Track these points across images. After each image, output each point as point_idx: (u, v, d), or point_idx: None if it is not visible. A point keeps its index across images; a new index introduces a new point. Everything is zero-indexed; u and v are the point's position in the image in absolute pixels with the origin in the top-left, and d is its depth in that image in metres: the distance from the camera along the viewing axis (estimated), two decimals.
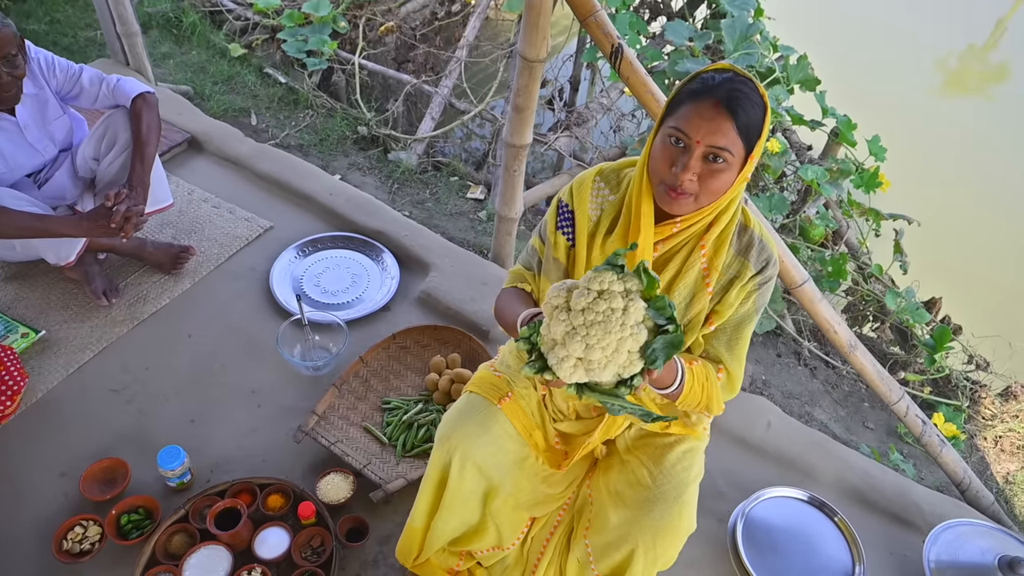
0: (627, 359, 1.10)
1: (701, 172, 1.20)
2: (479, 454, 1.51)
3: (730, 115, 1.17)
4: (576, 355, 1.09)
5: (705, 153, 1.19)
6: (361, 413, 2.17)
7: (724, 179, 1.21)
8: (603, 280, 1.10)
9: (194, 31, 4.30)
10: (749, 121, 1.18)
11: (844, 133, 3.58)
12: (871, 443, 2.83)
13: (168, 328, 2.34)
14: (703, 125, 1.17)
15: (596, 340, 1.07)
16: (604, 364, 1.09)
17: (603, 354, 1.08)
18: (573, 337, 1.09)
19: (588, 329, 1.08)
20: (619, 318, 1.08)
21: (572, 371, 1.10)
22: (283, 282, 2.53)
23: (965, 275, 3.92)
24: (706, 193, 1.23)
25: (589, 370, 1.10)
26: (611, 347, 1.08)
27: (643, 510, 1.44)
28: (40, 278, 2.40)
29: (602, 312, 1.08)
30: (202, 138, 3.04)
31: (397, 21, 4.40)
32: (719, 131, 1.17)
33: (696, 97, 1.19)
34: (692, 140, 1.19)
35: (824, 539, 1.97)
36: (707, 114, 1.17)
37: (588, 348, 1.08)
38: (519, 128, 2.35)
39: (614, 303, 1.09)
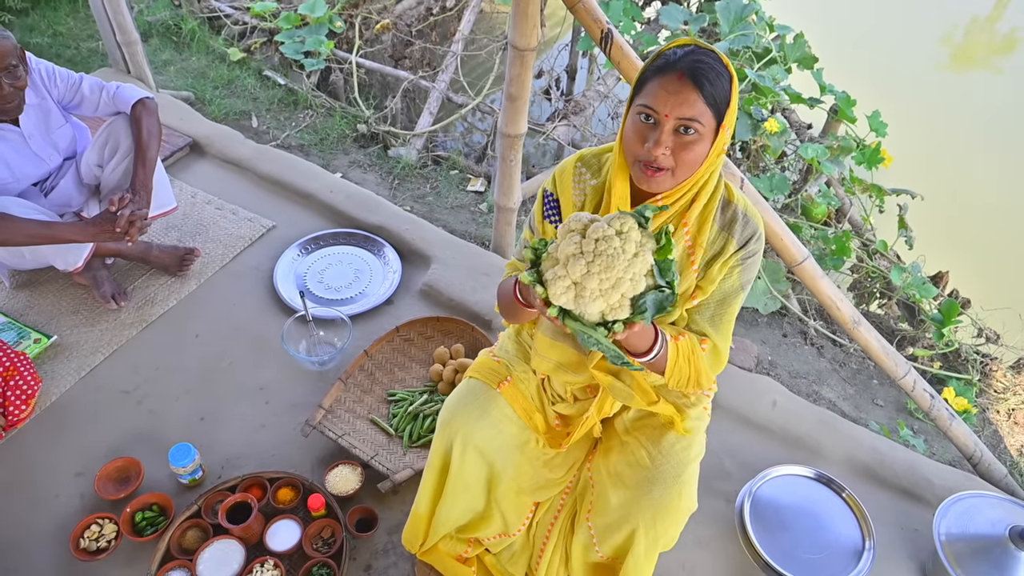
0: (618, 301, 1.12)
1: (674, 146, 1.22)
2: (479, 437, 1.53)
3: (695, 86, 1.18)
4: (573, 278, 1.11)
5: (675, 126, 1.21)
6: (367, 406, 2.19)
7: (698, 150, 1.23)
8: (625, 223, 1.13)
9: (193, 37, 4.34)
10: (715, 91, 1.19)
11: (843, 110, 3.56)
12: (881, 420, 2.82)
13: (176, 329, 2.38)
14: (670, 99, 1.19)
15: (598, 270, 1.10)
16: (595, 296, 1.11)
17: (598, 286, 1.10)
18: (578, 260, 1.11)
19: (595, 256, 1.10)
20: (626, 260, 1.10)
21: (564, 292, 1.12)
22: (287, 280, 2.56)
23: (973, 248, 3.88)
24: (682, 166, 1.24)
25: (579, 296, 1.12)
26: (608, 282, 1.10)
27: (642, 490, 1.46)
28: (50, 285, 2.44)
29: (613, 248, 1.10)
30: (204, 142, 3.08)
31: (393, 19, 4.42)
32: (686, 103, 1.18)
33: (661, 72, 1.21)
34: (661, 115, 1.20)
35: (833, 516, 1.97)
36: (672, 87, 1.19)
37: (587, 275, 1.10)
38: (513, 117, 2.36)
39: (628, 245, 1.11)
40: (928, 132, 4.75)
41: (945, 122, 5.05)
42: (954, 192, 4.13)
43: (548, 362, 1.56)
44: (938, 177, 4.15)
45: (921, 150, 4.34)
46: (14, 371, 2.01)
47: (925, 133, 4.70)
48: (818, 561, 1.89)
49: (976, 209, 4.16)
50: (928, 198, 3.49)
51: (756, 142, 3.51)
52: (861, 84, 3.85)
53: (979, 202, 4.23)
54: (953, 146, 4.74)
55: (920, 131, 4.63)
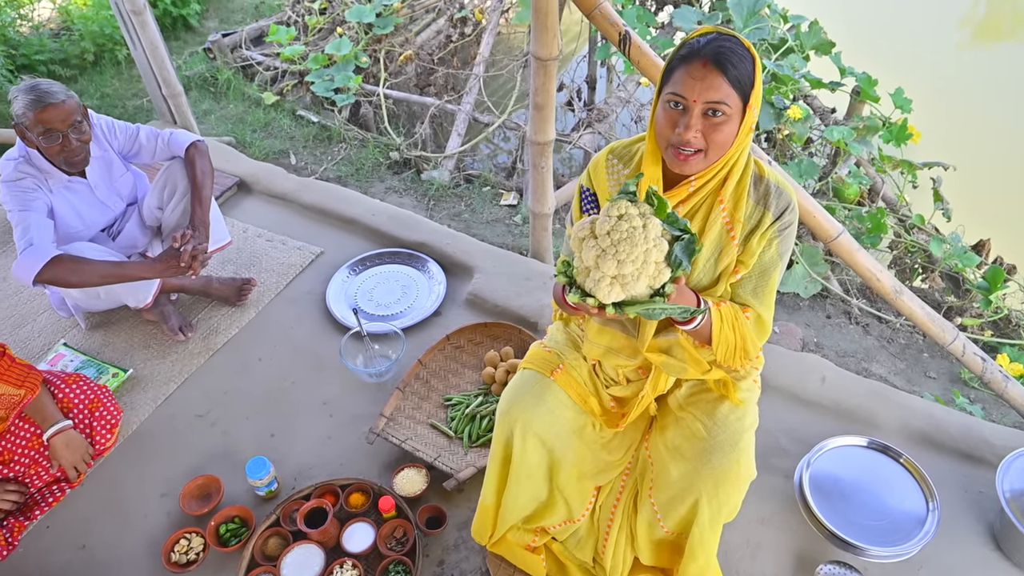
0: (655, 269, 1.21)
1: (704, 128, 1.29)
2: (537, 424, 1.60)
3: (720, 70, 1.26)
4: (610, 274, 1.20)
5: (704, 110, 1.28)
6: (426, 412, 2.28)
7: (727, 131, 1.30)
8: (619, 206, 1.23)
9: (229, 87, 4.58)
10: (739, 73, 1.26)
11: (865, 90, 3.58)
12: (934, 392, 2.81)
13: (240, 355, 2.51)
14: (696, 84, 1.27)
15: (625, 254, 1.19)
16: (637, 276, 1.20)
17: (634, 267, 1.19)
18: (604, 258, 1.20)
19: (616, 247, 1.19)
20: (641, 232, 1.20)
21: (609, 289, 1.21)
22: (339, 300, 2.68)
23: (1013, 214, 3.83)
24: (713, 147, 1.31)
25: (624, 285, 1.21)
26: (640, 259, 1.19)
27: (702, 460, 1.50)
28: (122, 323, 2.61)
29: (625, 230, 1.20)
30: (249, 180, 3.25)
31: (415, 49, 4.60)
32: (712, 87, 1.26)
33: (686, 61, 1.29)
34: (689, 100, 1.28)
35: (892, 482, 1.98)
36: (698, 74, 1.26)
37: (619, 264, 1.19)
38: (541, 126, 2.46)
39: (634, 222, 1.21)
40: (955, 104, 4.72)
41: (972, 94, 5.00)
42: (988, 160, 4.09)
43: (599, 347, 1.63)
44: (970, 148, 4.12)
45: (949, 123, 4.31)
46: (98, 403, 2.16)
47: (952, 106, 4.67)
48: (883, 527, 1.90)
49: (1014, 175, 4.10)
50: (961, 168, 3.48)
51: (781, 131, 3.55)
52: (881, 67, 3.87)
53: (1017, 168, 4.17)
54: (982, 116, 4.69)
55: (946, 104, 4.60)
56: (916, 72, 4.76)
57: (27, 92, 2.05)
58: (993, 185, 4.02)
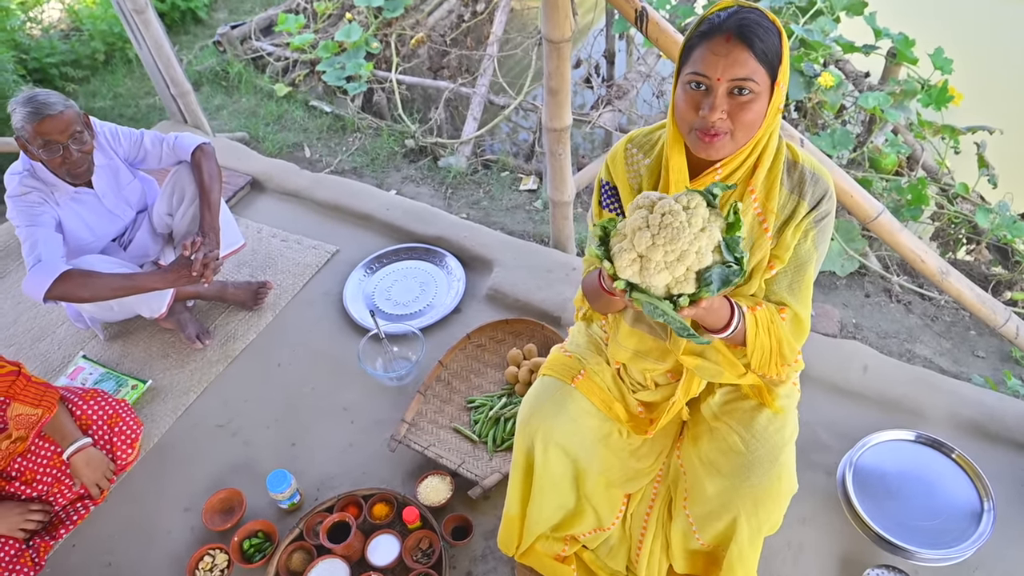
0: (683, 275, 1.11)
1: (730, 108, 1.17)
2: (559, 433, 1.52)
3: (745, 44, 1.14)
4: (639, 251, 1.11)
5: (729, 88, 1.16)
6: (448, 415, 2.22)
7: (755, 109, 1.18)
8: (692, 200, 1.12)
9: (240, 80, 4.51)
10: (766, 47, 1.14)
11: (902, 52, 3.37)
12: (984, 372, 2.66)
13: (259, 361, 2.47)
14: (719, 61, 1.15)
15: (663, 242, 1.09)
16: (660, 269, 1.10)
17: (663, 257, 1.09)
18: (643, 232, 1.10)
19: (660, 229, 1.09)
20: (692, 233, 1.09)
21: (629, 264, 1.12)
22: (356, 301, 2.62)
23: None
24: (741, 128, 1.19)
25: (644, 269, 1.11)
26: (673, 254, 1.09)
27: (740, 477, 1.41)
28: (139, 333, 2.58)
29: (679, 221, 1.09)
30: (262, 178, 3.19)
31: (426, 32, 4.47)
32: (737, 62, 1.14)
33: (707, 37, 1.17)
34: (712, 79, 1.16)
35: (944, 478, 1.87)
36: (721, 50, 1.15)
37: (651, 247, 1.09)
38: (556, 111, 2.34)
39: (694, 219, 1.10)
40: (998, 63, 4.44)
41: (1016, 50, 4.70)
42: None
43: (626, 351, 1.54)
44: (1016, 108, 3.87)
45: (992, 83, 4.06)
46: (117, 418, 2.13)
47: (994, 65, 4.39)
48: (934, 528, 1.79)
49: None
50: (1008, 131, 3.26)
51: (811, 99, 3.36)
52: (918, 26, 3.63)
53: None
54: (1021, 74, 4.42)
55: (989, 63, 4.33)
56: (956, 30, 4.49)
57: (24, 104, 2.00)
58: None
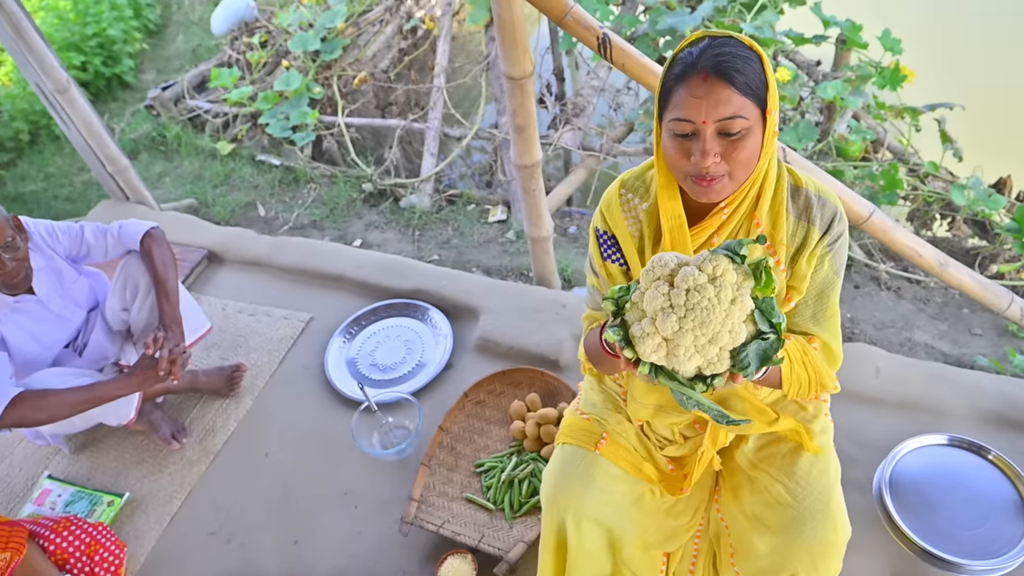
0: (716, 355, 1.00)
1: (722, 150, 1.10)
2: (590, 507, 1.41)
3: (726, 81, 1.06)
4: (664, 334, 1.00)
5: (717, 130, 1.09)
6: (458, 484, 2.08)
7: (750, 146, 1.11)
8: (719, 265, 1.00)
9: (180, 142, 4.30)
10: (748, 79, 1.07)
11: (851, 38, 3.37)
12: (985, 351, 2.63)
13: (244, 453, 2.29)
14: (701, 104, 1.07)
15: (692, 326, 0.98)
16: (690, 355, 0.99)
17: (693, 343, 0.99)
18: (668, 315, 0.99)
19: (687, 311, 0.98)
20: (724, 310, 0.98)
21: (654, 350, 1.00)
22: (340, 371, 2.46)
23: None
24: (739, 167, 1.12)
25: (672, 355, 1.00)
26: (705, 338, 0.98)
27: (792, 533, 1.31)
28: (108, 440, 2.38)
29: (708, 299, 0.98)
30: (219, 249, 3.00)
31: (368, 69, 4.33)
32: (720, 102, 1.06)
33: (683, 78, 1.09)
34: (697, 123, 1.08)
35: (983, 482, 1.80)
36: (700, 91, 1.07)
37: (680, 332, 0.98)
38: (526, 148, 2.23)
39: (723, 293, 0.99)
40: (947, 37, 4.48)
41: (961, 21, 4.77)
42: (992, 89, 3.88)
43: (646, 408, 1.44)
44: (971, 80, 3.90)
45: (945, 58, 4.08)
46: (96, 546, 1.93)
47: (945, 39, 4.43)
48: (982, 536, 1.72)
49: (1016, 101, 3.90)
50: (966, 104, 3.27)
51: None
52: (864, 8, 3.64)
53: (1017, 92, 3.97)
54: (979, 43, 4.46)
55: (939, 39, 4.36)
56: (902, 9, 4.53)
57: None
58: (1001, 115, 3.81)
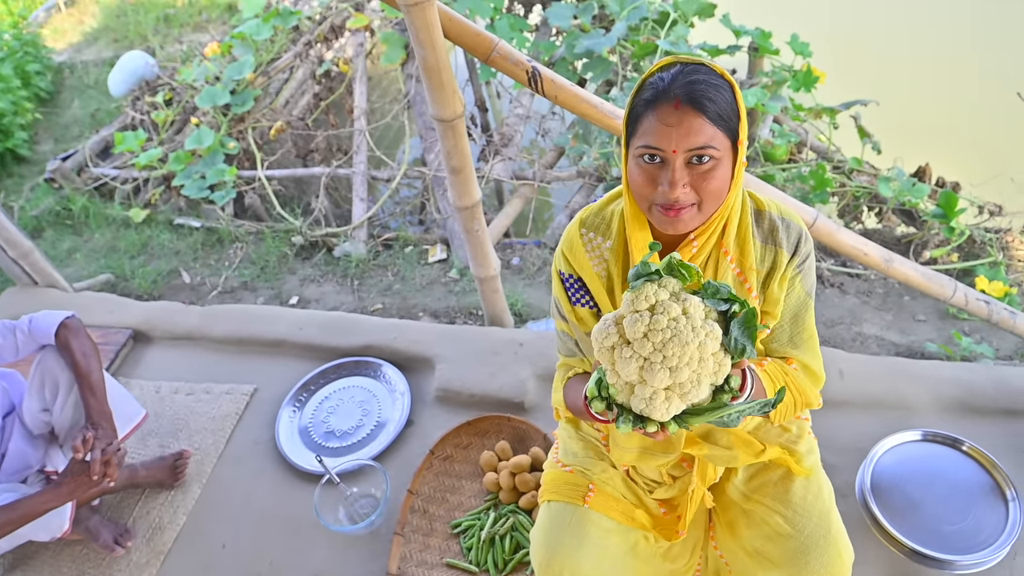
0: (715, 363, 0.97)
1: (691, 179, 1.07)
2: (587, 566, 1.34)
3: (698, 110, 1.03)
4: (663, 386, 0.95)
5: (687, 158, 1.06)
6: (436, 550, 1.96)
7: (719, 176, 1.08)
8: (646, 295, 0.97)
9: (88, 214, 4.03)
10: (719, 108, 1.04)
11: (762, 45, 3.47)
12: (931, 336, 2.70)
13: (198, 548, 2.10)
14: (672, 132, 1.04)
15: (677, 358, 0.94)
16: (697, 380, 0.96)
17: (691, 370, 0.95)
18: (651, 369, 0.95)
19: (663, 351, 0.94)
20: (686, 324, 0.95)
21: (667, 405, 0.96)
22: (294, 443, 2.30)
23: (938, 130, 3.82)
24: (708, 198, 1.09)
25: (684, 395, 0.96)
26: (695, 358, 0.95)
27: (797, 565, 1.27)
28: (41, 556, 2.14)
29: (666, 327, 0.94)
30: (144, 327, 2.79)
31: (284, 118, 4.18)
32: (692, 131, 1.03)
33: (653, 105, 1.06)
34: (667, 152, 1.05)
35: (960, 473, 1.82)
36: (672, 119, 1.04)
37: (673, 371, 0.94)
38: (464, 189, 2.16)
39: (671, 311, 0.96)
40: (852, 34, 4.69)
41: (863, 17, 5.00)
42: (896, 82, 4.07)
43: (631, 452, 1.38)
44: (875, 73, 4.09)
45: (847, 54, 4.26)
46: None
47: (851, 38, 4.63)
48: (966, 529, 1.73)
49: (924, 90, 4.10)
50: (879, 98, 3.40)
51: None
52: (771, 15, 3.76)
53: (924, 82, 4.17)
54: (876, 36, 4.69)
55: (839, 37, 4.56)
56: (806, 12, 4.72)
57: None
58: (911, 107, 4.00)
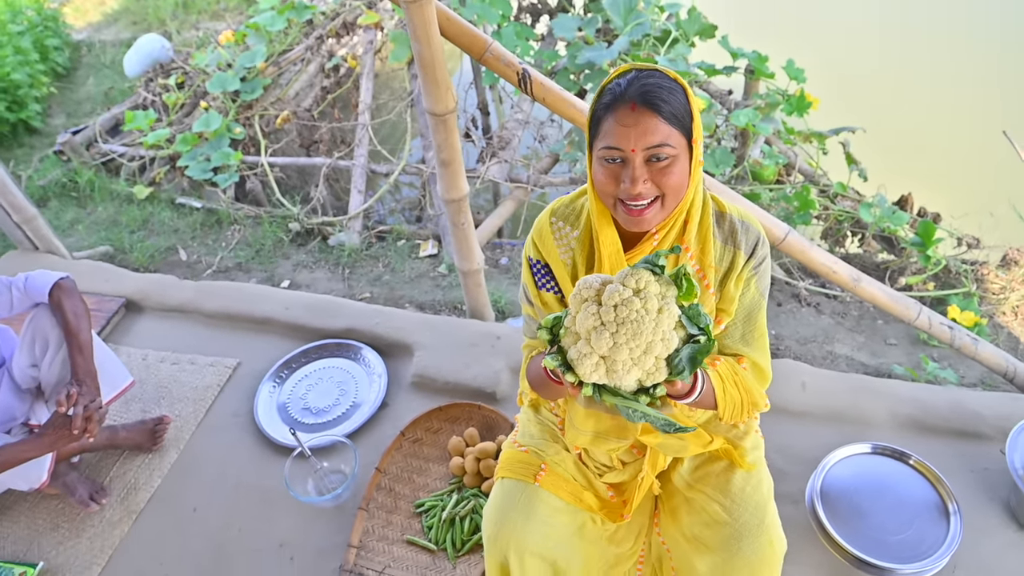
0: (653, 365, 1.03)
1: (651, 175, 1.16)
2: (533, 541, 1.40)
3: (652, 110, 1.12)
4: (600, 352, 1.03)
5: (646, 157, 1.15)
6: (398, 527, 2.03)
7: (677, 172, 1.17)
8: (641, 279, 1.04)
9: (93, 188, 4.12)
10: (673, 108, 1.13)
11: (758, 68, 3.56)
12: (900, 360, 2.77)
13: (170, 510, 2.17)
14: (630, 132, 1.13)
15: (625, 339, 1.01)
16: (628, 367, 1.02)
17: (629, 356, 1.02)
18: (601, 333, 1.02)
19: (618, 326, 1.01)
20: (652, 319, 1.02)
21: (593, 369, 1.03)
22: (271, 417, 2.37)
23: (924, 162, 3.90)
24: (670, 192, 1.18)
25: (611, 371, 1.03)
26: (639, 349, 1.02)
27: (730, 551, 1.34)
28: (19, 506, 2.21)
29: (636, 311, 1.02)
30: (137, 297, 2.87)
31: (291, 108, 4.28)
32: (648, 130, 1.12)
33: (611, 108, 1.15)
34: (627, 151, 1.14)
35: (906, 486, 1.88)
36: (629, 120, 1.13)
37: (615, 347, 1.01)
38: (452, 182, 2.24)
39: (649, 304, 1.03)
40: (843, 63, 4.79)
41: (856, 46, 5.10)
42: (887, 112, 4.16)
43: (585, 435, 1.45)
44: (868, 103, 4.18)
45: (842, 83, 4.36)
46: None
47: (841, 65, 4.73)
48: (908, 540, 1.79)
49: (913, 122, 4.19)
50: (867, 126, 3.49)
51: None
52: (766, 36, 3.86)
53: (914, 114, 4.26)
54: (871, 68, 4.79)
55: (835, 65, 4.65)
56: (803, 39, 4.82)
57: None
58: (898, 136, 4.08)
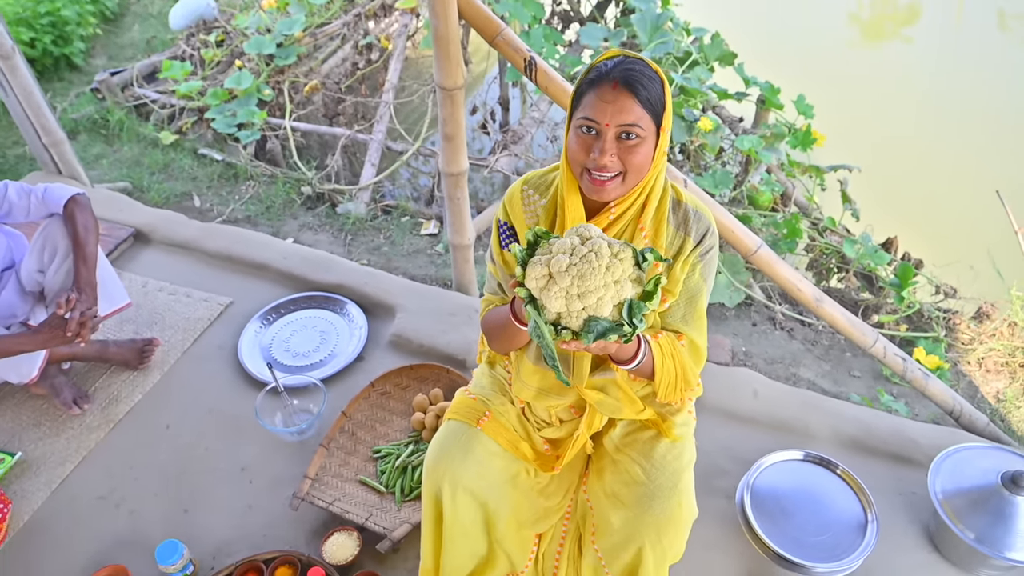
0: (576, 313, 1.14)
1: (619, 151, 1.26)
2: (466, 477, 1.51)
3: (631, 93, 1.23)
4: (552, 269, 1.14)
5: (617, 133, 1.25)
6: (354, 467, 2.15)
7: (642, 152, 1.27)
8: (624, 252, 1.16)
9: (122, 128, 4.30)
10: (650, 95, 1.24)
11: (769, 99, 3.68)
12: (860, 391, 2.87)
13: (145, 424, 2.31)
14: (608, 108, 1.23)
15: (576, 273, 1.12)
16: (558, 296, 1.14)
17: (567, 286, 1.13)
18: (563, 258, 1.14)
19: (580, 260, 1.13)
20: (603, 280, 1.13)
21: (537, 277, 1.15)
22: (252, 354, 2.51)
23: (916, 209, 4.00)
24: (631, 171, 1.28)
25: (547, 289, 1.15)
26: (577, 288, 1.13)
27: (642, 507, 1.45)
28: (7, 400, 2.36)
29: (599, 264, 1.13)
30: (146, 229, 3.03)
31: (320, 79, 4.44)
32: (624, 109, 1.23)
33: (595, 85, 1.26)
34: (601, 124, 1.24)
35: (831, 494, 1.98)
36: (608, 97, 1.23)
37: (562, 273, 1.13)
38: (453, 156, 2.38)
39: (613, 270, 1.15)
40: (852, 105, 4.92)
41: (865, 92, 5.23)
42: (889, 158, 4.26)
43: (530, 389, 1.56)
44: (872, 146, 4.29)
45: (849, 124, 4.48)
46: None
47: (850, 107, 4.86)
48: (825, 542, 1.89)
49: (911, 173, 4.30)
50: (865, 168, 3.60)
51: (693, 142, 3.59)
52: (782, 72, 3.98)
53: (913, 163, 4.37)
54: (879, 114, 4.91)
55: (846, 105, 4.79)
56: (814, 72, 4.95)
57: None
58: (895, 182, 4.19)
